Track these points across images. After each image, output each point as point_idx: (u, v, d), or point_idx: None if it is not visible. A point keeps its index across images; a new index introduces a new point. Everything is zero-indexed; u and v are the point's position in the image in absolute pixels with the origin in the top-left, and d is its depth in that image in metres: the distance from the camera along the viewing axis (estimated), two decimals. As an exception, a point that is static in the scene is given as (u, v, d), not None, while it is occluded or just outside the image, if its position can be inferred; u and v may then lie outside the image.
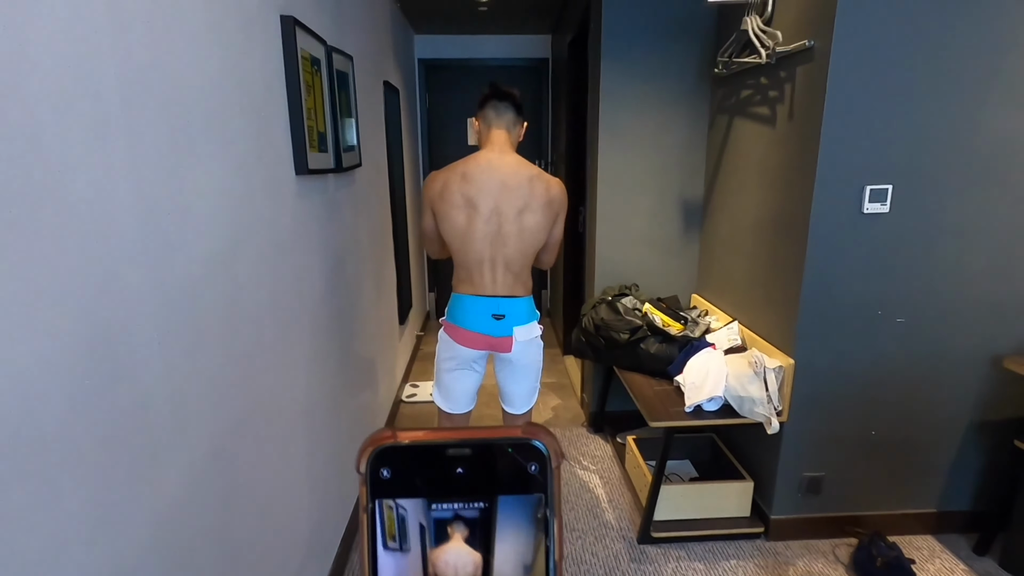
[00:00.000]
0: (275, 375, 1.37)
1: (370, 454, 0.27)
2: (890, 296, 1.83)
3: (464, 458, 0.27)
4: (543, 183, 1.71)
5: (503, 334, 1.70)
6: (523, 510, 0.27)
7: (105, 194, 0.79)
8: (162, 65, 0.92)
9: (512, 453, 0.27)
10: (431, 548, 0.27)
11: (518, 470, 0.27)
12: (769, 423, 1.84)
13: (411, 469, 0.27)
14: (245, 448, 1.19)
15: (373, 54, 2.68)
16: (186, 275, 0.99)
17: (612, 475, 2.47)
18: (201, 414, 1.02)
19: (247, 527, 1.20)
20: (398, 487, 0.27)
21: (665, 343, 2.21)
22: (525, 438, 0.27)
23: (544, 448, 0.27)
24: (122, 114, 0.82)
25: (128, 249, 0.83)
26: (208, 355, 1.05)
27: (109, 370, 0.78)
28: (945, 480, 2.02)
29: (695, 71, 2.49)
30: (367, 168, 2.47)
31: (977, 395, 1.94)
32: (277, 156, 1.42)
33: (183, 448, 0.96)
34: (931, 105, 1.68)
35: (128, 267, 0.83)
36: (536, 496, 0.27)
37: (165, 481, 0.91)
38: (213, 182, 1.09)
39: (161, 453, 0.90)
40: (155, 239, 0.90)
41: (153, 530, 0.88)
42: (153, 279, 0.89)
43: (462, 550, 0.27)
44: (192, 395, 0.99)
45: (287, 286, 1.46)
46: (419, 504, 0.27)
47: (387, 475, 0.27)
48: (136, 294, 0.85)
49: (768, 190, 2.03)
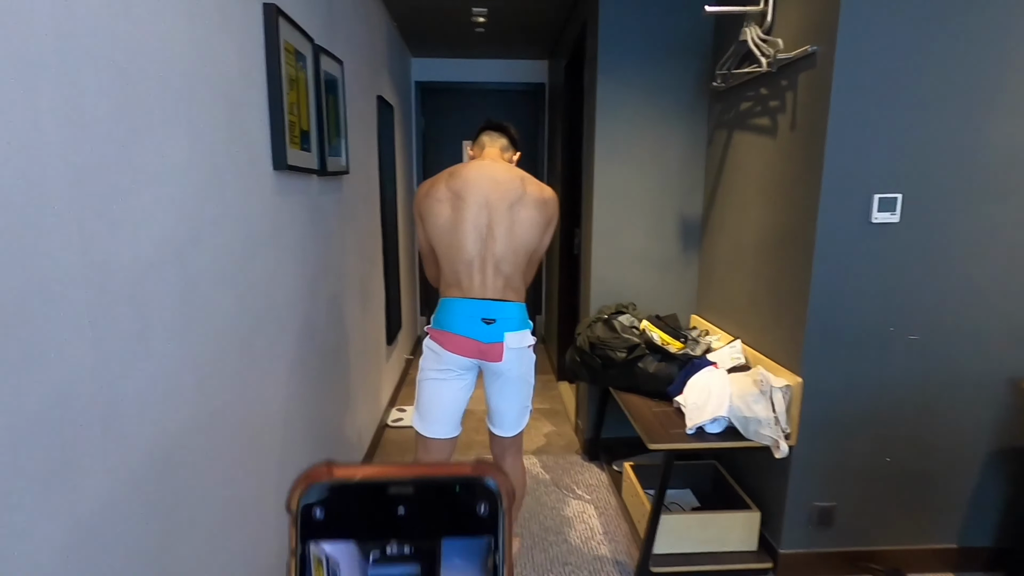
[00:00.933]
0: (236, 383, 1.24)
1: (302, 491, 0.25)
2: (902, 312, 1.73)
3: (406, 497, 0.25)
4: (536, 184, 1.66)
5: (493, 340, 1.57)
6: (471, 556, 0.25)
7: (28, 153, 0.69)
8: (115, 28, 0.84)
9: (459, 492, 0.25)
10: None
11: (466, 511, 0.25)
12: (777, 446, 1.71)
13: (348, 509, 0.25)
14: (193, 461, 1.06)
15: (366, 65, 2.64)
16: (131, 259, 0.88)
17: (608, 505, 2.31)
18: (140, 416, 0.90)
19: (191, 550, 1.05)
20: (333, 528, 0.25)
21: (664, 362, 2.09)
22: (474, 476, 0.25)
23: (495, 487, 0.25)
24: (58, 66, 0.73)
25: (57, 220, 0.73)
26: (153, 351, 0.94)
27: (17, 355, 0.67)
28: (966, 513, 1.88)
29: (692, 87, 2.45)
30: (356, 178, 2.39)
31: (996, 420, 1.82)
32: (253, 147, 1.33)
33: (113, 453, 0.84)
34: (938, 112, 1.62)
35: (55, 240, 0.73)
36: (485, 540, 0.25)
37: (85, 488, 0.78)
38: (171, 164, 0.99)
39: (83, 457, 0.78)
40: (93, 214, 0.80)
41: (66, 542, 0.74)
42: (87, 259, 0.78)
43: None
44: (129, 394, 0.87)
45: (257, 287, 1.35)
46: (355, 558, 0.25)
47: (320, 515, 0.25)
48: (64, 272, 0.74)
49: (771, 202, 1.95)
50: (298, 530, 0.25)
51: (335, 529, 0.25)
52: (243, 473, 1.27)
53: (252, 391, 1.32)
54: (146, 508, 0.91)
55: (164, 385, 0.97)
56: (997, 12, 1.58)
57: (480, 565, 0.25)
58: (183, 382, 1.03)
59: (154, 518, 0.94)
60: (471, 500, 0.25)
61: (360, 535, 0.25)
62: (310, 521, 0.25)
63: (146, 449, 0.92)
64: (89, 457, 0.79)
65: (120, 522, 0.85)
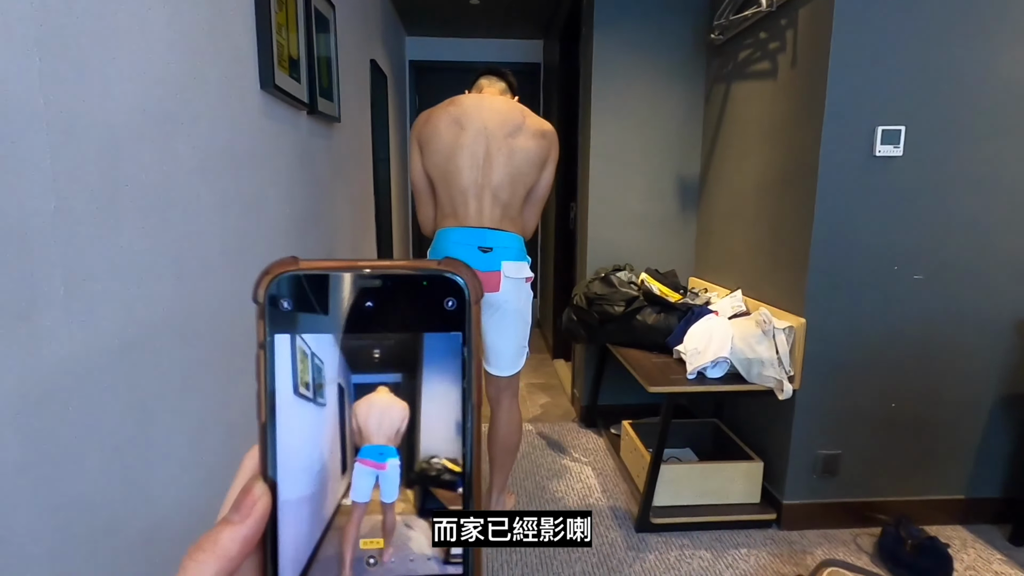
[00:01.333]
0: (219, 288, 1.18)
1: (268, 282, 0.24)
2: (905, 250, 1.69)
3: (375, 291, 0.25)
4: (536, 118, 1.64)
5: (490, 268, 1.53)
6: (447, 353, 0.25)
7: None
8: None
9: (427, 287, 0.25)
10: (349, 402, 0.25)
11: (434, 306, 0.25)
12: (781, 388, 1.66)
13: (316, 301, 0.25)
14: (166, 354, 1.00)
15: (360, 23, 2.59)
16: (102, 116, 0.82)
17: (606, 466, 2.25)
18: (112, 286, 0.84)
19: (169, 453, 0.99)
20: (303, 322, 0.25)
21: (663, 313, 2.04)
22: (441, 271, 0.25)
23: (462, 282, 0.25)
24: None
25: (20, 62, 0.67)
26: (126, 225, 0.88)
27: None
28: (973, 462, 1.83)
29: (689, 44, 2.42)
30: (348, 131, 2.34)
31: (1002, 365, 1.77)
32: (238, 55, 1.28)
33: (76, 321, 0.77)
34: (943, 42, 1.59)
35: (18, 81, 0.67)
36: (455, 335, 0.25)
37: (47, 345, 0.72)
38: (150, 31, 0.94)
39: (43, 316, 0.71)
40: (60, 55, 0.74)
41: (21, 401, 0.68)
42: (53, 103, 0.73)
43: (386, 399, 0.25)
44: (99, 257, 0.81)
45: (242, 203, 1.29)
46: (335, 353, 0.25)
47: (288, 307, 0.24)
48: (25, 111, 0.68)
49: (772, 145, 1.91)
50: (266, 321, 0.24)
51: (305, 322, 0.24)
52: (222, 384, 1.21)
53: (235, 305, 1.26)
54: (115, 389, 0.85)
55: (140, 265, 0.90)
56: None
57: (457, 365, 0.25)
58: (160, 271, 0.97)
59: (123, 403, 0.87)
60: (439, 295, 0.25)
61: (332, 328, 0.25)
62: (278, 313, 0.24)
63: (118, 328, 0.85)
64: (48, 308, 0.72)
65: (84, 395, 0.79)
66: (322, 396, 0.25)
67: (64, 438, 0.75)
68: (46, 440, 0.72)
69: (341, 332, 0.25)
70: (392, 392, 0.25)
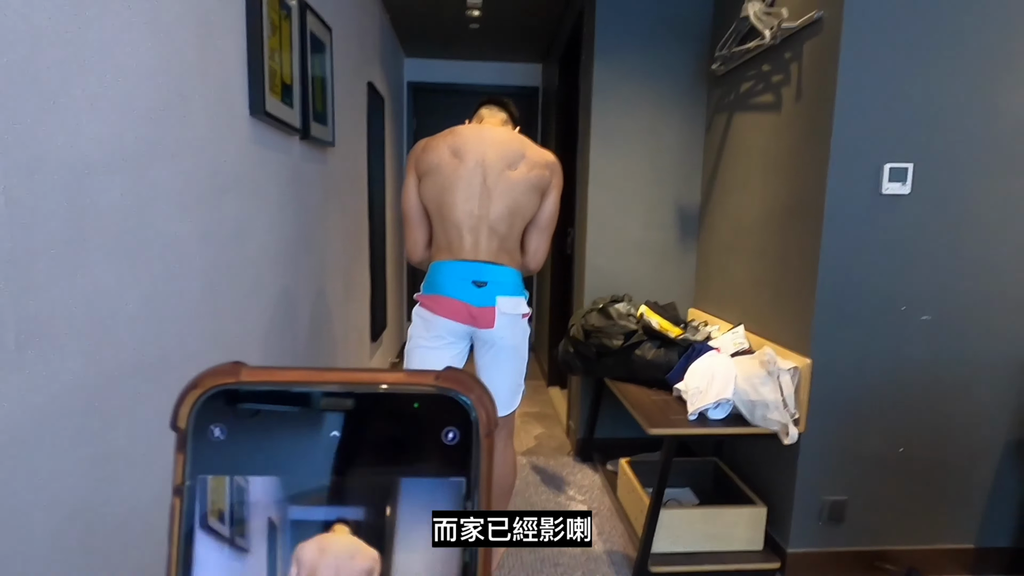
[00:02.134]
0: (199, 333, 1.11)
1: (195, 402, 0.18)
2: (913, 290, 1.64)
3: (345, 414, 0.18)
4: (536, 148, 1.60)
5: (485, 304, 1.47)
6: (437, 500, 0.18)
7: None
8: None
9: (419, 410, 0.18)
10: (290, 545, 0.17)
11: (428, 438, 0.18)
12: (786, 431, 1.60)
13: (261, 429, 0.18)
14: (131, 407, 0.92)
15: (357, 46, 2.57)
16: (69, 153, 0.76)
17: (602, 506, 2.17)
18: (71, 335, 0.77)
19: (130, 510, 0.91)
20: (237, 458, 0.18)
21: (663, 348, 1.98)
22: (440, 388, 0.18)
23: (469, 405, 0.17)
24: None
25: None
26: (92, 267, 0.81)
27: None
28: (983, 510, 1.76)
29: (690, 72, 2.40)
30: (342, 155, 2.30)
31: (1014, 408, 1.72)
32: (226, 82, 1.23)
33: (33, 368, 0.70)
34: (951, 80, 1.56)
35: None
36: (456, 481, 0.18)
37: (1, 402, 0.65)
38: (127, 59, 0.88)
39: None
40: (21, 84, 0.68)
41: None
42: (10, 134, 0.67)
43: (349, 544, 0.18)
44: (57, 304, 0.75)
45: (226, 235, 1.23)
46: (274, 501, 0.17)
47: (220, 435, 0.18)
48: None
49: (775, 180, 1.87)
50: (188, 457, 0.18)
51: (241, 459, 0.18)
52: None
53: (216, 348, 1.19)
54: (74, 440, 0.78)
55: (105, 310, 0.84)
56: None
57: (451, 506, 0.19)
58: (131, 314, 0.90)
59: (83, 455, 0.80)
60: (436, 423, 0.18)
61: (279, 468, 0.18)
62: (206, 445, 0.18)
63: (77, 376, 0.78)
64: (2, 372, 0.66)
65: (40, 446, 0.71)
66: (261, 552, 0.18)
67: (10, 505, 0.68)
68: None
69: (296, 474, 0.18)
70: (354, 534, 0.18)
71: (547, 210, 1.59)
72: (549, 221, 1.61)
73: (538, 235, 1.60)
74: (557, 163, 1.60)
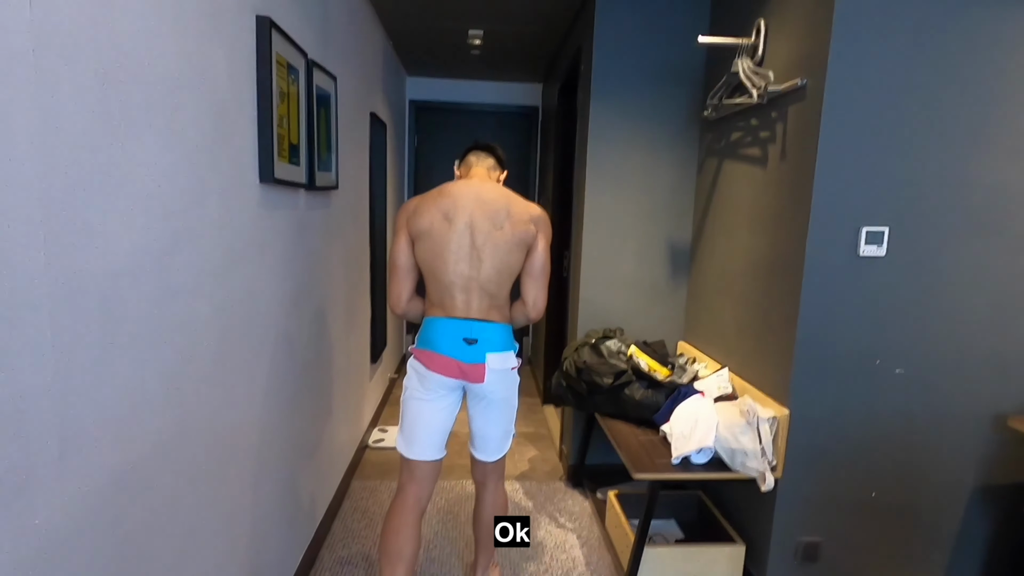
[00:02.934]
0: (211, 398, 1.20)
1: None
2: (888, 345, 1.73)
3: None
4: (523, 203, 1.65)
5: (475, 360, 1.55)
6: None
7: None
8: (96, 28, 0.82)
9: None
10: None
11: None
12: (763, 479, 1.69)
13: None
14: (160, 480, 1.01)
15: (360, 81, 2.64)
16: (103, 266, 0.84)
17: (591, 535, 2.26)
18: (102, 433, 0.85)
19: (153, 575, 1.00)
20: None
21: (651, 389, 2.07)
22: None
23: None
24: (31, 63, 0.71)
25: (23, 222, 0.70)
26: (120, 365, 0.90)
27: (-28, 363, 0.63)
28: (951, 551, 1.86)
29: (684, 115, 2.47)
30: (345, 194, 2.37)
31: (981, 457, 1.81)
32: (239, 158, 1.31)
33: (71, 472, 0.79)
34: (927, 148, 1.64)
35: (19, 242, 0.69)
36: None
37: (39, 509, 0.73)
38: (151, 171, 0.96)
39: (37, 474, 0.73)
40: (64, 217, 0.76)
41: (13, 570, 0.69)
42: (54, 263, 0.75)
43: None
44: (92, 408, 0.83)
45: (236, 301, 1.31)
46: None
47: None
48: (26, 275, 0.71)
49: (760, 233, 1.96)
50: None
51: None
52: (213, 493, 1.22)
53: (226, 407, 1.27)
54: (106, 530, 0.86)
55: (131, 400, 0.92)
56: (987, 51, 1.61)
57: None
58: (151, 398, 0.98)
59: (115, 542, 0.88)
60: None
61: None
62: None
63: (109, 468, 0.87)
64: (44, 474, 0.74)
65: (77, 547, 0.80)
66: None
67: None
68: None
69: None
70: None
71: (538, 261, 1.64)
72: (542, 270, 1.66)
73: (534, 284, 1.66)
74: (542, 214, 1.66)
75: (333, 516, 2.28)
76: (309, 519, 1.98)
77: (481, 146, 1.76)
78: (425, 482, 1.61)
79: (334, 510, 2.29)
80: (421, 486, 1.61)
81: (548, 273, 1.68)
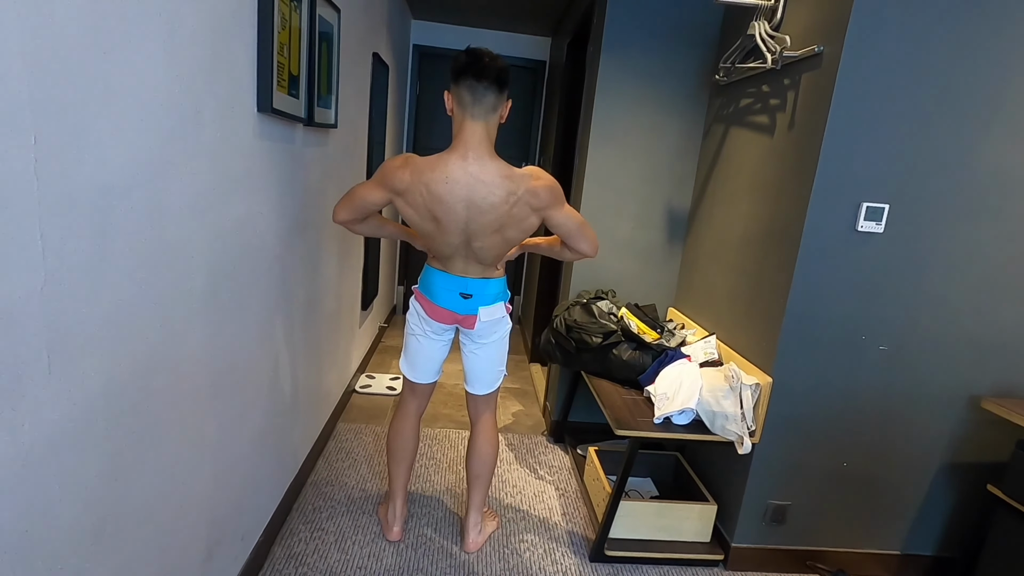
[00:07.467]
0: (202, 326, 1.20)
1: None
2: (875, 321, 1.75)
3: None
4: (524, 178, 1.49)
5: (468, 312, 1.68)
6: None
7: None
8: (94, -78, 0.77)
9: None
10: None
11: None
12: (741, 442, 1.73)
13: None
14: (149, 402, 1.02)
15: (364, 19, 2.54)
16: (93, 175, 0.82)
17: (569, 487, 2.33)
18: (92, 347, 0.85)
19: (140, 495, 1.01)
20: None
21: (639, 350, 2.09)
22: None
23: None
24: (26, -44, 0.67)
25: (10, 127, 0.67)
26: (111, 279, 0.88)
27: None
28: (911, 522, 1.94)
29: (695, 78, 2.42)
30: (343, 134, 2.32)
31: (952, 435, 1.87)
32: (236, 83, 1.26)
33: (59, 383, 0.79)
34: (934, 128, 1.62)
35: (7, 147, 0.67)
36: None
37: (28, 418, 0.73)
38: (146, 85, 0.93)
39: (25, 384, 0.73)
40: (55, 123, 0.74)
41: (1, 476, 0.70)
42: (43, 168, 0.73)
43: None
44: (82, 322, 0.82)
45: (230, 231, 1.29)
46: None
47: None
48: (13, 179, 0.69)
49: (760, 201, 1.95)
50: None
51: None
52: (200, 422, 1.23)
53: (218, 338, 1.27)
54: (95, 445, 0.87)
55: (123, 317, 0.91)
56: (1005, 33, 1.58)
57: None
58: (144, 318, 0.98)
59: (102, 457, 0.89)
60: None
61: None
62: None
63: (98, 383, 0.87)
64: (32, 384, 0.74)
65: (65, 457, 0.81)
66: None
67: (44, 501, 0.77)
68: (32, 503, 0.74)
69: None
70: None
71: (567, 224, 1.56)
72: (577, 228, 1.58)
73: (576, 240, 1.60)
74: (545, 186, 1.51)
75: (318, 455, 2.32)
76: (294, 456, 2.01)
77: (478, 70, 1.45)
78: (424, 397, 1.90)
79: (319, 449, 2.33)
80: (420, 400, 1.90)
81: (582, 221, 1.60)
